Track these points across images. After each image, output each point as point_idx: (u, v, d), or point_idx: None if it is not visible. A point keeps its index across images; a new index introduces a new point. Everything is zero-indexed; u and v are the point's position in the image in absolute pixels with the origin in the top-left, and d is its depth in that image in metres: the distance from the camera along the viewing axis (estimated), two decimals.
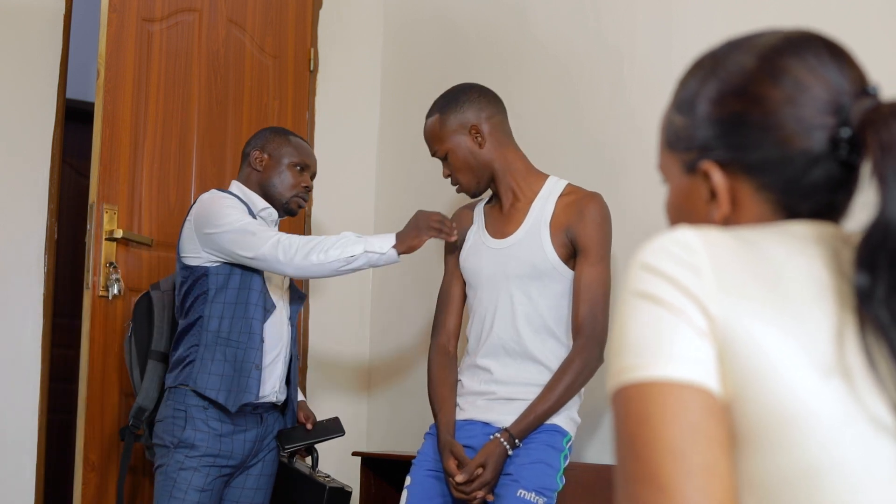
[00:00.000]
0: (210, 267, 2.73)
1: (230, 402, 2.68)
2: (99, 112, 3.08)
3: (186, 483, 2.65)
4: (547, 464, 2.47)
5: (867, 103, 0.90)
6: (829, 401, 0.81)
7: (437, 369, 2.69)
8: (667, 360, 0.83)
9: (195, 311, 2.74)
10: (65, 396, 4.07)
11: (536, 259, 2.57)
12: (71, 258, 4.35)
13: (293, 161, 2.89)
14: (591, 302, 2.52)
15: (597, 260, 2.55)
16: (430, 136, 2.67)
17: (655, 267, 0.87)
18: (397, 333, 3.66)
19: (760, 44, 0.96)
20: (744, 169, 0.94)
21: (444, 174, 2.68)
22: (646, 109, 2.90)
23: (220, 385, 2.68)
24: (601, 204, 2.60)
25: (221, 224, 2.70)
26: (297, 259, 2.61)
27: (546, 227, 2.59)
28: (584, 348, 2.51)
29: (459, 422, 2.60)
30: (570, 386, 2.50)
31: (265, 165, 2.88)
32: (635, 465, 0.82)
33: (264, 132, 2.97)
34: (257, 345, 2.72)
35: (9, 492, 3.24)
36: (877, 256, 0.83)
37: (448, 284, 2.78)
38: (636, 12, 3.01)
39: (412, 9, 3.81)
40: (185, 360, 2.73)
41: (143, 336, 2.88)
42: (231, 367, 2.69)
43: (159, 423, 2.74)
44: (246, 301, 2.72)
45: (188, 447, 2.67)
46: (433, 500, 2.55)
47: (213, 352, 2.70)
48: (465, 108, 2.64)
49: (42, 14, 3.39)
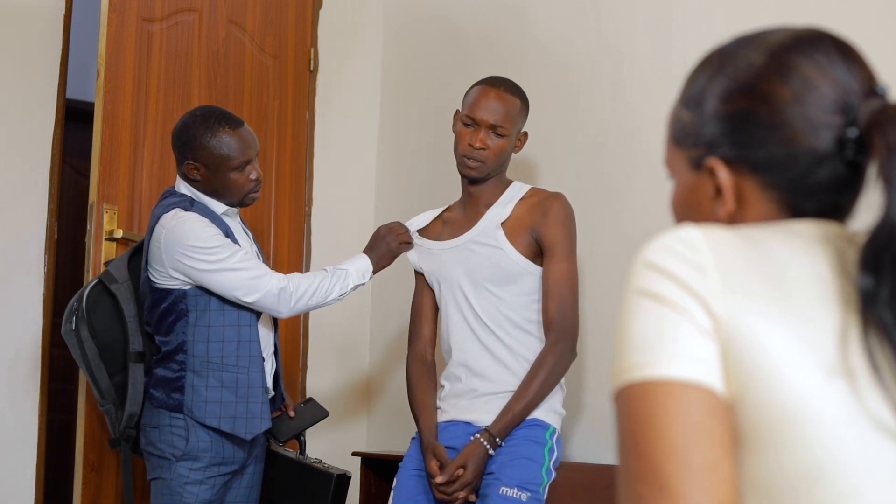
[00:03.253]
0: (188, 290, 2.59)
1: (239, 429, 2.58)
2: (99, 112, 3.08)
3: (194, 497, 2.57)
4: (528, 458, 2.50)
5: (875, 104, 0.90)
6: (833, 401, 0.81)
7: (415, 377, 2.74)
8: (670, 359, 0.83)
9: (176, 333, 2.60)
10: (65, 396, 4.07)
11: (500, 260, 2.62)
12: (71, 258, 4.35)
13: (233, 165, 2.62)
14: (560, 298, 2.59)
15: (563, 257, 2.61)
16: (506, 110, 2.66)
17: (659, 265, 0.87)
18: (397, 333, 3.66)
19: (769, 41, 0.96)
20: (750, 166, 0.94)
21: (480, 143, 2.64)
22: (646, 109, 2.90)
23: (220, 412, 2.57)
24: (564, 203, 2.66)
25: (214, 261, 2.54)
26: (299, 307, 2.65)
27: (499, 229, 2.65)
28: (556, 343, 2.57)
29: (442, 423, 2.64)
30: (545, 382, 2.55)
31: (204, 177, 2.63)
32: (638, 464, 0.82)
33: (187, 132, 2.63)
34: (259, 367, 2.63)
35: (9, 492, 3.24)
36: (881, 258, 0.83)
37: (420, 295, 2.84)
38: (636, 12, 3.01)
39: (412, 9, 3.81)
40: (174, 384, 2.60)
41: (109, 334, 2.70)
42: (231, 393, 2.58)
43: (152, 430, 2.61)
44: (237, 322, 2.61)
45: (192, 459, 2.57)
46: (417, 498, 2.58)
47: (205, 378, 2.58)
48: (527, 116, 2.74)
49: (42, 14, 3.39)
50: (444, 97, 3.61)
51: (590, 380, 2.94)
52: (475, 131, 2.65)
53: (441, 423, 2.63)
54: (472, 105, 2.67)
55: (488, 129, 2.64)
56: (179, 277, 2.59)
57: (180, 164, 2.66)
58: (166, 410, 2.60)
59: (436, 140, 3.56)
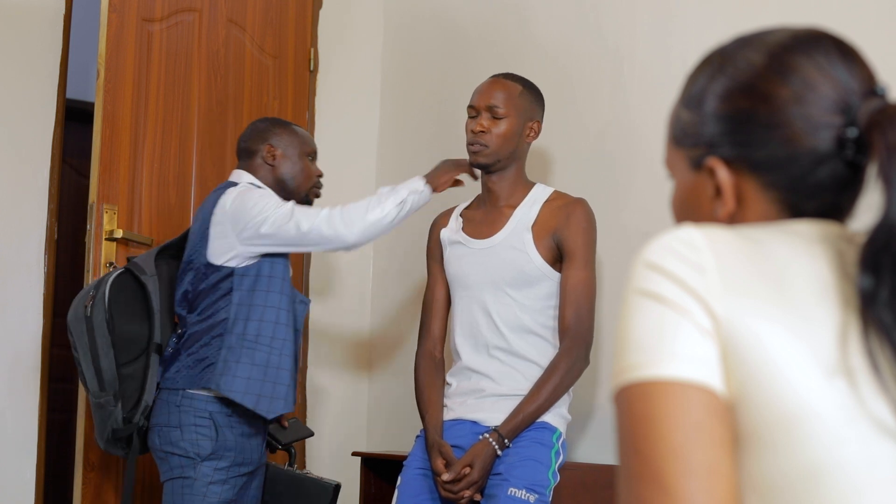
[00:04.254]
0: (236, 268, 2.65)
1: (262, 407, 2.60)
2: (99, 112, 3.08)
3: (216, 496, 2.57)
4: (536, 460, 2.50)
5: (875, 104, 0.89)
6: (833, 401, 0.81)
7: (423, 374, 2.73)
8: (670, 360, 0.83)
9: (216, 311, 2.65)
10: (65, 396, 4.07)
11: (523, 264, 2.62)
12: (71, 258, 4.35)
13: (305, 151, 2.86)
14: (577, 305, 2.59)
15: (582, 264, 2.61)
16: (504, 94, 2.67)
17: (659, 265, 0.87)
18: (397, 333, 3.66)
19: (770, 41, 0.96)
20: (750, 166, 0.94)
21: (479, 126, 2.65)
22: (646, 109, 2.91)
23: (245, 388, 2.59)
24: (587, 209, 2.67)
25: (264, 211, 2.62)
26: (358, 226, 2.61)
27: (528, 232, 2.64)
28: (570, 350, 2.57)
29: (448, 422, 2.63)
30: (558, 387, 2.55)
31: (278, 159, 2.82)
32: (638, 464, 0.82)
33: (265, 124, 2.89)
34: (290, 351, 2.67)
35: (9, 492, 3.24)
36: (880, 258, 0.83)
37: (432, 290, 2.82)
38: (636, 12, 3.01)
39: (412, 9, 3.81)
40: (204, 361, 2.63)
41: (127, 324, 2.68)
42: (260, 372, 2.61)
43: (172, 429, 2.61)
44: (277, 305, 2.66)
45: (217, 458, 2.59)
46: (422, 497, 2.57)
47: (238, 354, 2.61)
48: (540, 105, 2.75)
49: (42, 14, 3.39)
50: (444, 97, 3.61)
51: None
52: (477, 119, 2.68)
53: (447, 422, 2.62)
54: (472, 96, 2.72)
55: (486, 112, 2.66)
56: (238, 249, 2.63)
57: (252, 155, 2.82)
58: (182, 394, 2.60)
59: (436, 140, 3.56)
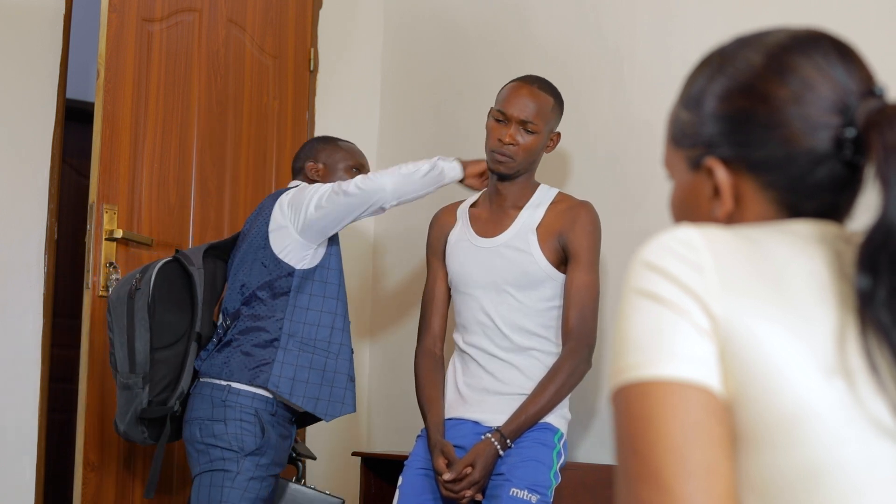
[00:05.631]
0: (296, 270, 2.68)
1: (321, 410, 2.66)
2: (99, 112, 3.08)
3: (256, 492, 2.59)
4: (538, 461, 2.50)
5: (873, 104, 0.90)
6: (831, 401, 0.81)
7: (424, 372, 2.73)
8: (668, 359, 0.83)
9: (271, 309, 2.67)
10: (65, 396, 4.07)
11: (527, 265, 2.62)
12: (71, 258, 4.35)
13: (348, 164, 2.91)
14: (581, 307, 2.59)
15: (587, 266, 2.61)
16: (537, 107, 2.65)
17: (657, 265, 0.87)
18: (397, 333, 3.66)
19: (768, 41, 0.96)
20: (748, 166, 0.94)
21: (509, 138, 2.63)
22: (646, 109, 2.91)
23: (304, 392, 2.64)
24: (593, 213, 2.67)
25: (316, 192, 2.67)
26: (392, 172, 2.67)
27: (533, 234, 2.64)
28: (573, 352, 2.57)
29: (450, 421, 2.63)
30: (560, 389, 2.55)
31: (322, 175, 2.88)
32: (636, 464, 0.82)
33: (312, 143, 2.99)
34: (347, 356, 2.72)
35: (9, 492, 3.24)
36: (878, 258, 0.83)
37: (432, 285, 2.82)
38: (636, 12, 3.01)
39: (412, 9, 3.81)
40: (257, 358, 2.63)
41: (167, 312, 2.69)
42: (318, 376, 2.66)
43: (215, 423, 2.61)
44: (333, 310, 2.71)
45: (259, 455, 2.60)
46: (423, 496, 2.58)
47: (295, 356, 2.65)
48: (561, 116, 2.74)
49: (42, 14, 3.39)
50: (444, 97, 3.61)
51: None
52: (505, 127, 2.64)
53: (449, 422, 2.62)
54: (503, 100, 2.67)
55: (518, 125, 2.63)
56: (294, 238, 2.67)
57: (299, 173, 2.93)
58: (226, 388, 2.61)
59: (436, 140, 3.56)
